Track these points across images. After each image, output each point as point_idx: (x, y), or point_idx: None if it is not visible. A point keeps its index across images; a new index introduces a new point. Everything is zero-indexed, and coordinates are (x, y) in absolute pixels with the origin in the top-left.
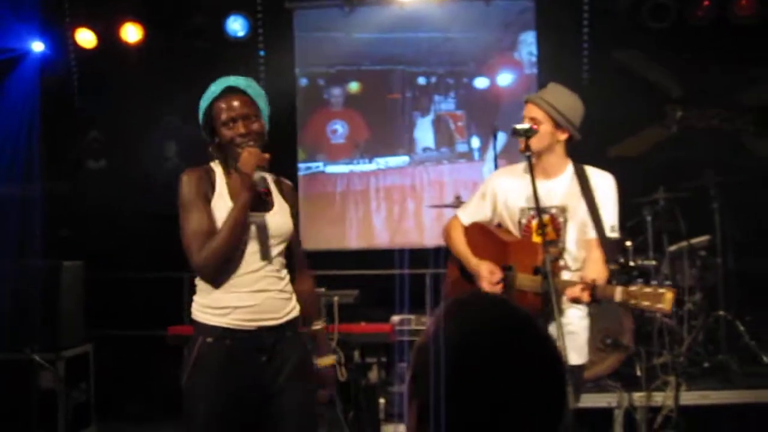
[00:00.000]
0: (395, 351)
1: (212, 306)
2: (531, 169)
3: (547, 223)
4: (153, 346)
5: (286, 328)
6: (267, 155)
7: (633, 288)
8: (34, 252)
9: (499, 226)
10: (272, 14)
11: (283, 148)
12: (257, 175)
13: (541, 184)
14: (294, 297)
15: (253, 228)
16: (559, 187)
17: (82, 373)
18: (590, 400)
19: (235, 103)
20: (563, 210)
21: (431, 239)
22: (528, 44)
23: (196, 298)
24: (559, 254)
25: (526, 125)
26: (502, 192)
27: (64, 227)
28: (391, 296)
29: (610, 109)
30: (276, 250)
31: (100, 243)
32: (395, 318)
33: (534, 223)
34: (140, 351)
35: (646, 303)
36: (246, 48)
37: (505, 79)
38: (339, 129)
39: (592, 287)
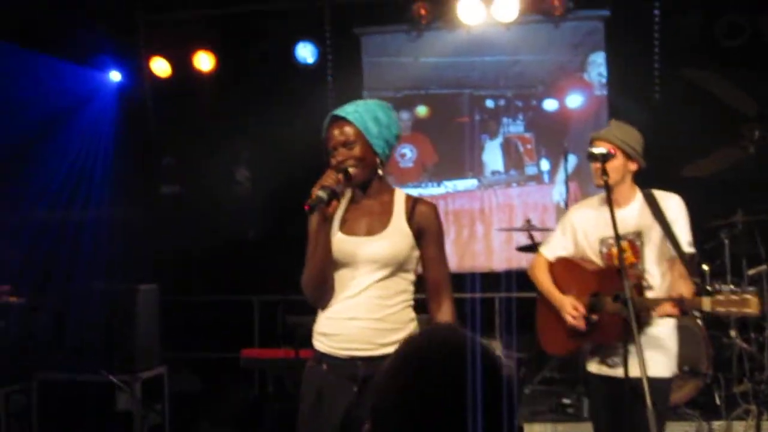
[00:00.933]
0: None
1: (317, 331)
2: (609, 195)
3: (626, 249)
4: (226, 368)
5: (382, 361)
6: (339, 175)
7: (719, 297)
8: (111, 275)
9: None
10: (340, 40)
11: None
12: (319, 193)
13: (615, 213)
14: (404, 328)
15: (347, 253)
16: (631, 213)
17: (158, 394)
18: (668, 428)
19: (336, 132)
20: (639, 234)
21: (500, 263)
22: (597, 65)
23: None
24: (641, 276)
25: (602, 149)
26: (581, 225)
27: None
28: (460, 320)
29: (683, 129)
30: (375, 275)
31: (174, 266)
32: None
33: (614, 249)
34: (213, 373)
35: (734, 309)
36: (315, 74)
37: (574, 100)
38: (407, 153)
39: (680, 301)
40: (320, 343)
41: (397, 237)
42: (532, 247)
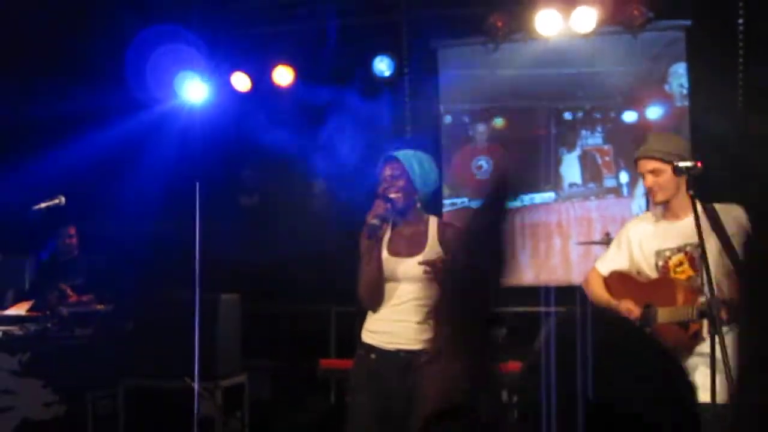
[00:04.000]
0: None
1: (367, 328)
2: (694, 205)
3: (683, 262)
4: (304, 377)
5: (421, 353)
6: (387, 205)
7: None
8: (194, 285)
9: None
10: (417, 54)
11: None
12: (373, 221)
13: (672, 225)
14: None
15: (394, 270)
16: (689, 225)
17: (238, 402)
18: None
19: (387, 168)
20: (697, 246)
21: (578, 276)
22: (679, 76)
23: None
24: (699, 288)
25: (689, 162)
26: (636, 239)
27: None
28: (537, 334)
29: None
30: (415, 287)
31: (253, 276)
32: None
33: (671, 262)
34: (292, 382)
35: None
36: (391, 87)
37: (654, 112)
38: (484, 165)
39: (728, 306)
40: (370, 338)
41: (431, 258)
42: None
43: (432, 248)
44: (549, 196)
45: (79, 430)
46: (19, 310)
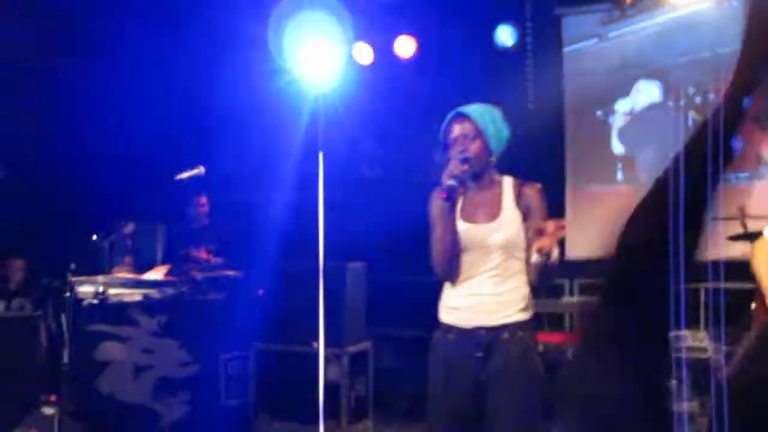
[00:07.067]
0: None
1: (444, 305)
2: None
3: None
4: (427, 346)
5: (503, 330)
6: (465, 167)
7: None
8: (321, 254)
9: None
10: (541, 23)
11: (549, 159)
12: (450, 182)
13: None
14: (521, 302)
15: (469, 238)
16: None
17: (363, 368)
18: None
19: (457, 127)
20: None
21: (710, 252)
22: None
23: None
24: None
25: None
26: None
27: None
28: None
29: None
30: (493, 258)
31: (378, 246)
32: (669, 334)
33: None
34: (414, 350)
35: None
36: (514, 58)
37: None
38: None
39: None
40: (448, 316)
41: (508, 223)
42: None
43: (509, 213)
44: None
45: (212, 389)
46: (157, 274)
